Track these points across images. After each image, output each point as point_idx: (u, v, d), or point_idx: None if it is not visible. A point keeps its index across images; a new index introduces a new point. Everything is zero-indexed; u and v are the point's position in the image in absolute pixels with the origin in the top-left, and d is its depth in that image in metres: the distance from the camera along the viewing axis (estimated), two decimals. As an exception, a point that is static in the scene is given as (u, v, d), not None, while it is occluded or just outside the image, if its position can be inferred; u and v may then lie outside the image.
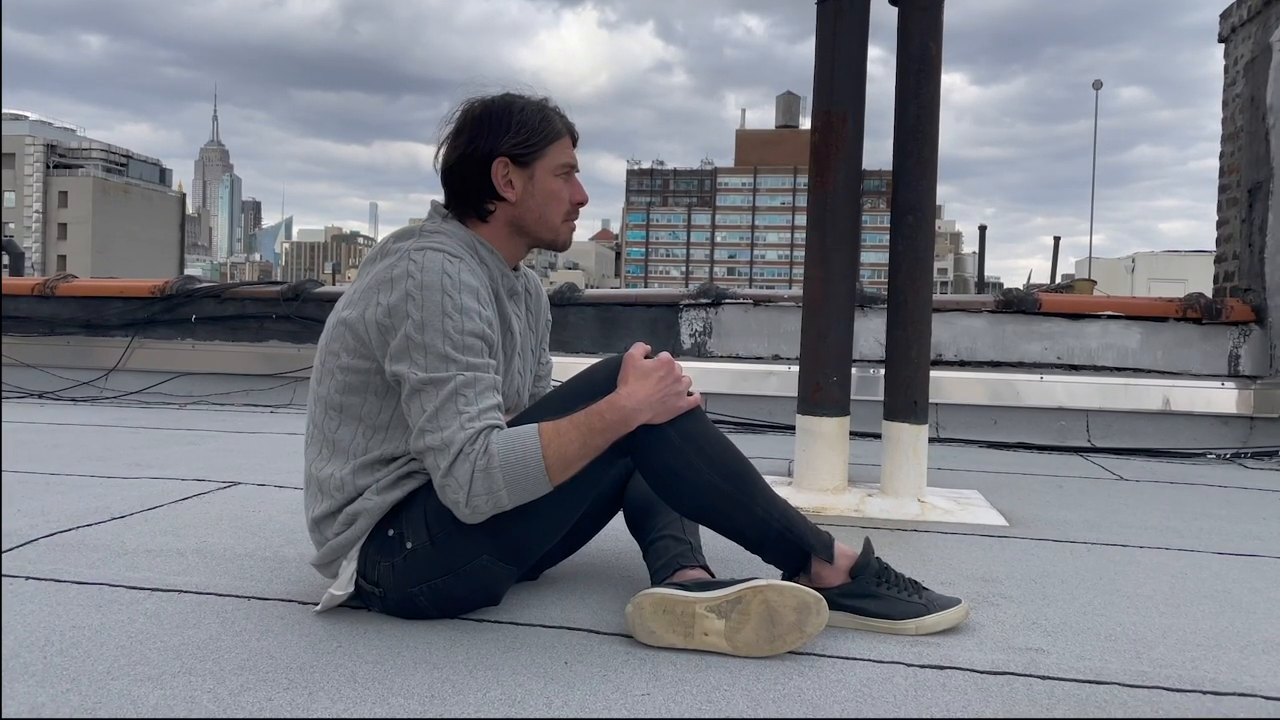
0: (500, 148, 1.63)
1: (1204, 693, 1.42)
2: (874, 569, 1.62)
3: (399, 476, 1.57)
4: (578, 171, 1.73)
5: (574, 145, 1.72)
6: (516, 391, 1.74)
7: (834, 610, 1.57)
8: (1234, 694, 1.41)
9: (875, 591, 1.60)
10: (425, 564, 1.55)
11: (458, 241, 1.62)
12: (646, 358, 1.56)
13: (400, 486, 1.57)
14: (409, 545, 1.55)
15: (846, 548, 1.63)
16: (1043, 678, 1.45)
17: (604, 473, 1.57)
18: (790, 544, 1.59)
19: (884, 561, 1.65)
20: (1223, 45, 5.01)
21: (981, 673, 1.46)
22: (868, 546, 1.64)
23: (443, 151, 1.68)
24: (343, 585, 1.59)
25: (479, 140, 1.64)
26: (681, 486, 1.57)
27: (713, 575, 1.64)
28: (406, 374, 1.50)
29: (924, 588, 1.66)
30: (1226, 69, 4.96)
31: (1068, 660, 1.52)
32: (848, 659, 1.49)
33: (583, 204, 1.72)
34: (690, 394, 1.57)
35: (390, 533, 1.56)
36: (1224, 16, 4.99)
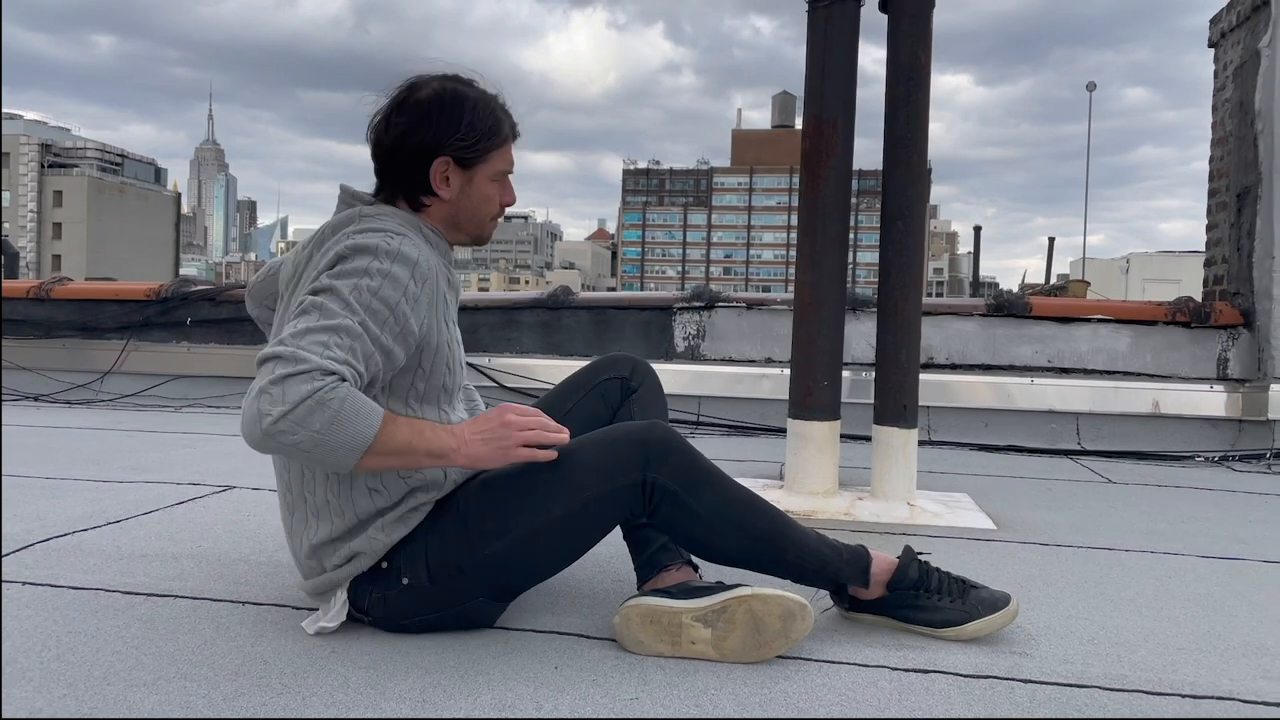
0: (445, 146, 1.54)
1: (1183, 696, 1.44)
2: (912, 579, 1.64)
3: (407, 510, 1.52)
4: (512, 174, 1.66)
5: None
6: (460, 363, 1.65)
7: (876, 615, 1.65)
8: (1212, 697, 1.44)
9: (914, 602, 1.63)
10: (419, 601, 1.54)
11: (399, 222, 1.53)
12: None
13: (405, 522, 1.52)
14: (405, 581, 1.52)
15: (885, 557, 1.66)
16: (1025, 681, 1.47)
17: (611, 523, 1.55)
18: (825, 579, 1.63)
19: (927, 565, 1.66)
20: (1213, 50, 5.04)
21: (964, 676, 1.48)
22: (906, 555, 1.67)
23: (378, 126, 1.56)
24: (334, 617, 1.56)
25: (424, 131, 1.53)
26: (714, 554, 1.59)
27: (697, 570, 1.67)
28: (302, 297, 1.40)
29: (972, 586, 1.66)
30: (1216, 74, 4.99)
31: (1050, 664, 1.55)
32: (833, 663, 1.52)
33: (510, 205, 1.66)
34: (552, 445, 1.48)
35: (385, 565, 1.53)
36: (1214, 22, 5.02)
